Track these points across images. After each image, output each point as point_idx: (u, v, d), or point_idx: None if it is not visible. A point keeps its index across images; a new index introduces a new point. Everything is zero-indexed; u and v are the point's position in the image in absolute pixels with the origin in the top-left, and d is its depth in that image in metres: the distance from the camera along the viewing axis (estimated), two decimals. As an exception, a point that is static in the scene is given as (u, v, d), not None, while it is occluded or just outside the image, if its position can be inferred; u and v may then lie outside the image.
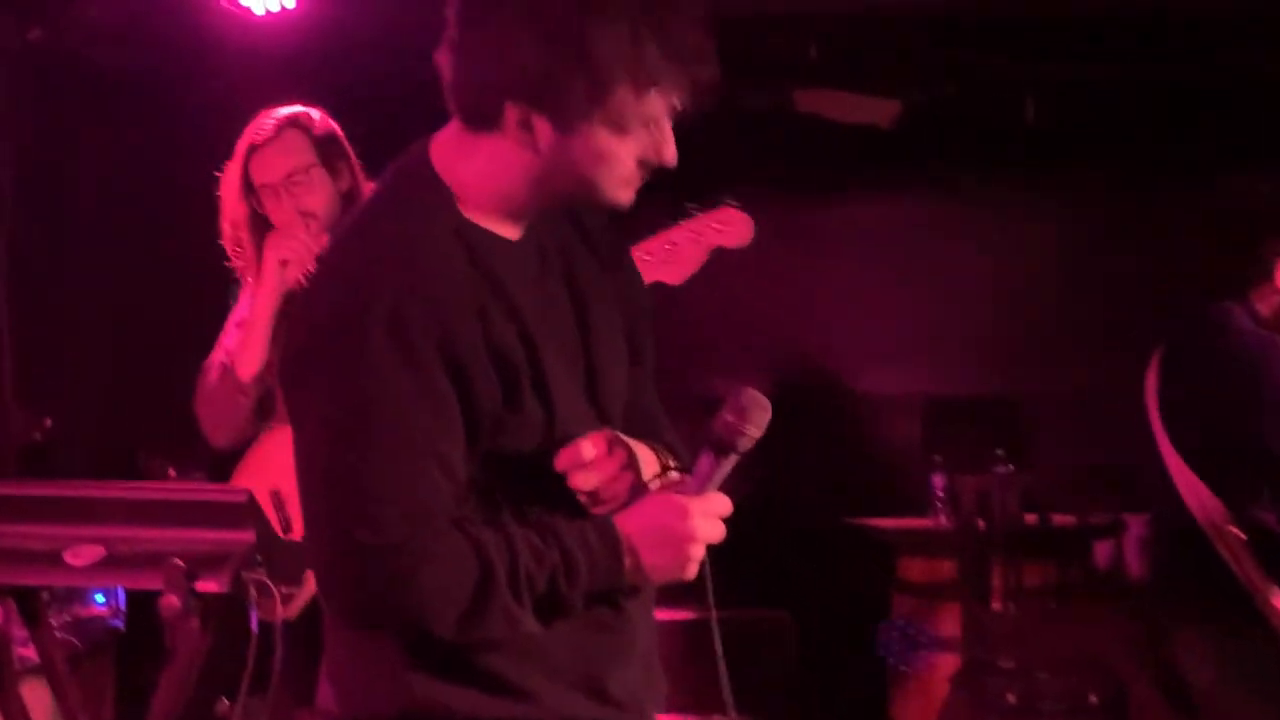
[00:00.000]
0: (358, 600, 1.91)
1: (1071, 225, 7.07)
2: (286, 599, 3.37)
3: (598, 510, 1.94)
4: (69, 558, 3.11)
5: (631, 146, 1.92)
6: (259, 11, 4.54)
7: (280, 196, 3.72)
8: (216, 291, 5.80)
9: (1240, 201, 6.16)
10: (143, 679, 4.01)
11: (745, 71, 5.75)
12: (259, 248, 3.79)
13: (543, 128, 1.88)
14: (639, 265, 3.08)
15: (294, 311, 2.29)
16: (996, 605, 6.00)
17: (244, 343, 3.76)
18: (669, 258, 3.74)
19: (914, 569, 6.28)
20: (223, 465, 4.06)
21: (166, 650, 3.26)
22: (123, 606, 4.41)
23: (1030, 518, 6.20)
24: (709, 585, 2.02)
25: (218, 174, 4.05)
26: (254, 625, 3.12)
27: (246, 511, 3.26)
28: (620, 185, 1.95)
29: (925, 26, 5.66)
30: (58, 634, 3.76)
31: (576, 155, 1.91)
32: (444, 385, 1.84)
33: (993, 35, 5.81)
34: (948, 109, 6.69)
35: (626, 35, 1.83)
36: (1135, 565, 6.05)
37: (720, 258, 4.28)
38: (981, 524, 6.02)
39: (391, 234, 1.92)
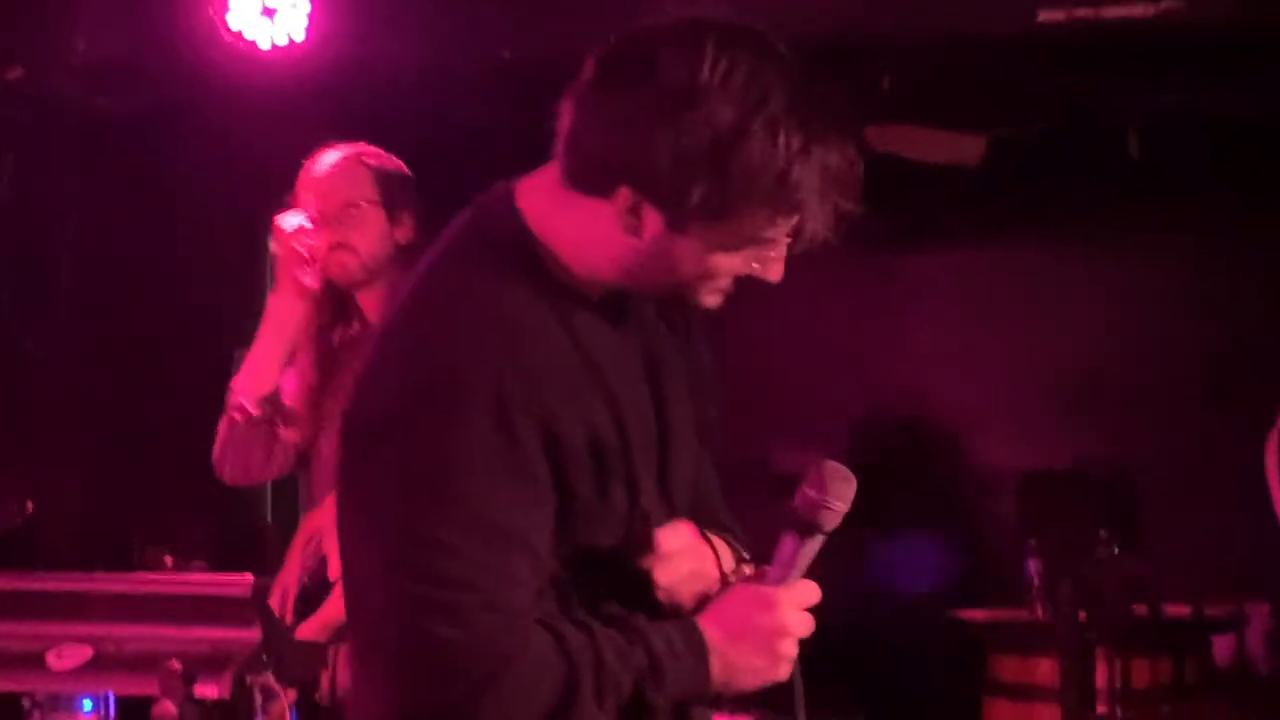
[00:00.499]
0: (429, 702, 1.82)
1: (1183, 275, 6.81)
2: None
3: (675, 605, 1.91)
4: (52, 660, 3.07)
5: (740, 261, 1.89)
6: (265, 46, 4.55)
7: (325, 227, 3.61)
8: (217, 361, 5.49)
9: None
10: None
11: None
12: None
13: (653, 220, 1.82)
14: None
15: (366, 369, 2.05)
16: (1102, 709, 5.65)
17: (250, 364, 3.70)
18: None
19: (1007, 667, 5.92)
20: (226, 554, 4.08)
21: (161, 767, 3.05)
22: (113, 714, 3.97)
23: (1139, 608, 5.82)
24: (799, 689, 1.95)
25: (216, 227, 4.07)
26: None
27: (251, 605, 3.16)
28: (713, 294, 1.93)
29: (1010, 54, 5.61)
30: None
31: (679, 255, 1.87)
32: (542, 471, 1.78)
33: (1087, 61, 5.68)
34: (1041, 144, 6.58)
35: (779, 163, 1.78)
36: (1260, 660, 5.91)
37: (795, 319, 4.15)
38: (1083, 615, 5.71)
39: (489, 297, 1.87)
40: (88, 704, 3.71)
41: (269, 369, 3.67)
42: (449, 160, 4.10)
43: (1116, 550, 5.91)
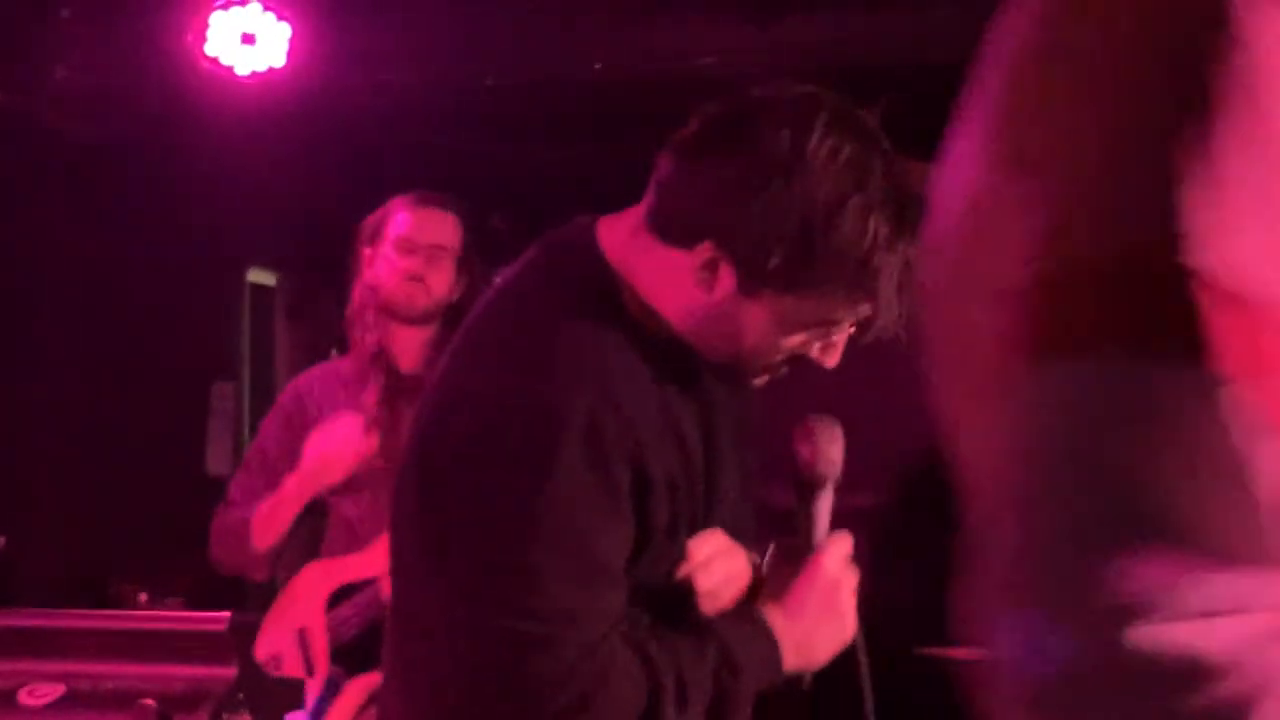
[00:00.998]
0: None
1: None
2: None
3: (719, 610, 1.97)
4: (24, 697, 3.01)
5: (802, 341, 1.95)
6: (243, 72, 4.51)
7: (411, 255, 3.68)
8: (194, 394, 5.72)
9: None
10: None
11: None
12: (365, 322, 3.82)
13: (727, 278, 1.88)
14: None
15: (440, 398, 2.08)
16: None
17: (269, 516, 3.66)
18: None
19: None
20: (202, 590, 4.04)
21: (139, 804, 3.03)
22: None
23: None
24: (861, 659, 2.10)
25: (195, 255, 4.10)
26: None
27: (228, 642, 3.12)
28: (766, 370, 2.01)
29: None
30: None
31: (745, 321, 1.92)
32: (628, 508, 1.83)
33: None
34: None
35: (864, 248, 1.85)
36: None
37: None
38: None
39: (580, 333, 1.92)
40: None
41: (286, 521, 3.66)
42: (429, 187, 3.96)
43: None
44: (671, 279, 1.95)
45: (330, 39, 4.63)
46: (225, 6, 4.40)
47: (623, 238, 1.96)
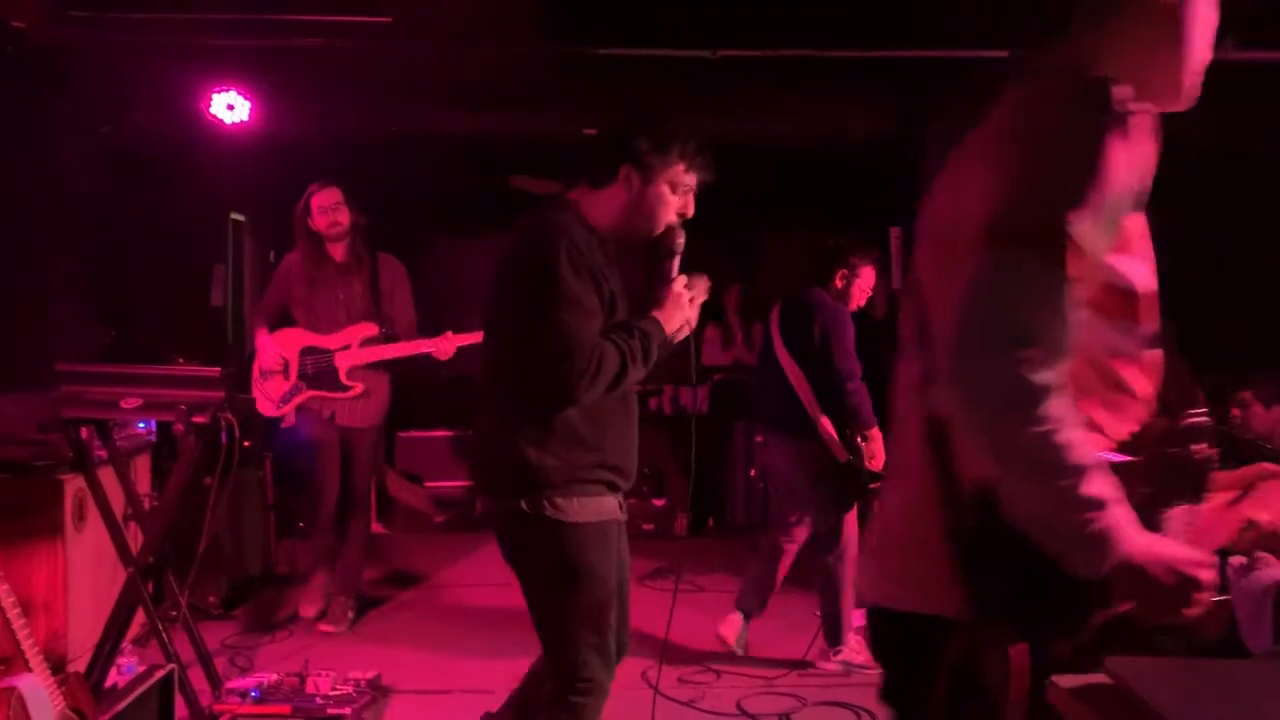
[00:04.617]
0: (571, 394, 2.42)
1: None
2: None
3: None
4: (123, 404, 3.59)
5: (677, 201, 2.58)
6: (228, 120, 5.10)
7: (327, 214, 4.80)
8: (204, 270, 6.61)
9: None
10: (165, 468, 4.73)
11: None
12: (309, 237, 4.81)
13: (635, 179, 2.54)
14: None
15: (507, 260, 2.61)
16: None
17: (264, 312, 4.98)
18: None
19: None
20: (211, 357, 4.80)
21: (177, 453, 3.88)
22: (154, 429, 4.71)
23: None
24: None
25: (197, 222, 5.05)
26: (224, 439, 3.59)
27: (217, 381, 3.70)
28: (661, 223, 2.58)
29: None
30: (118, 443, 4.05)
31: (649, 197, 2.56)
32: (592, 287, 2.45)
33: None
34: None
35: (695, 151, 2.56)
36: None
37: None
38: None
39: (562, 223, 2.51)
40: (141, 424, 4.63)
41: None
42: (324, 176, 4.99)
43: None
44: (606, 203, 2.56)
45: (279, 105, 5.27)
46: (220, 91, 5.10)
47: (580, 195, 2.59)
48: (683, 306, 2.57)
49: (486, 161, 6.74)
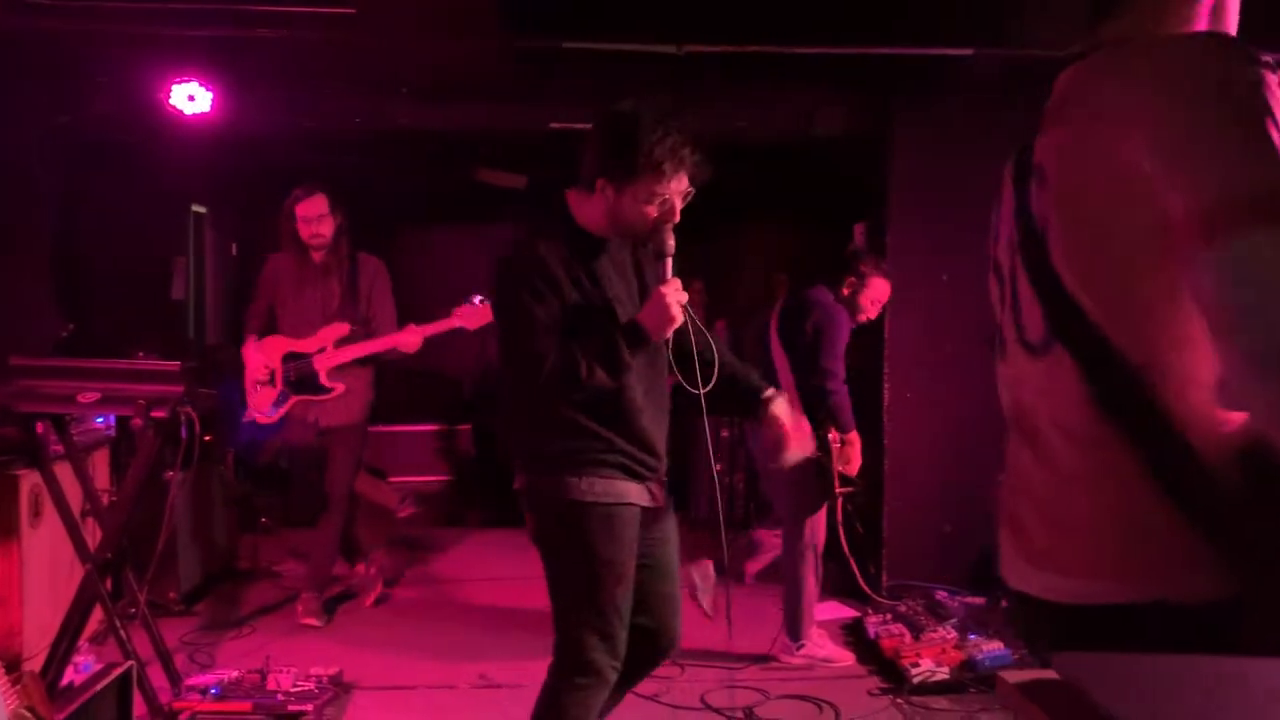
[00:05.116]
0: (546, 399, 2.56)
1: None
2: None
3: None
4: (80, 398, 3.58)
5: (654, 209, 2.59)
6: (189, 112, 4.96)
7: (310, 225, 4.82)
8: (163, 261, 6.51)
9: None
10: (124, 463, 4.68)
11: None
12: (294, 242, 4.84)
13: (610, 190, 2.59)
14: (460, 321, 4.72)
15: (496, 271, 2.68)
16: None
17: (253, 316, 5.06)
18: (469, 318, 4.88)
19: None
20: (172, 353, 4.66)
21: (135, 448, 3.80)
22: (113, 424, 4.72)
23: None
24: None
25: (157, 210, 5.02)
26: (183, 434, 3.61)
27: (177, 375, 3.72)
28: (649, 230, 2.61)
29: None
30: (75, 438, 4.05)
31: (623, 205, 2.60)
32: (554, 295, 2.54)
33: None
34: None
35: (666, 161, 2.52)
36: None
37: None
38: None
39: (537, 232, 2.62)
40: (100, 419, 4.61)
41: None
42: (300, 182, 4.97)
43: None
44: (594, 207, 2.61)
45: (231, 100, 5.09)
46: (180, 82, 4.93)
47: (574, 198, 2.65)
48: (666, 309, 2.56)
49: (451, 154, 6.72)
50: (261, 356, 5.04)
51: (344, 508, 5.05)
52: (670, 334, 2.61)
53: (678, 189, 2.58)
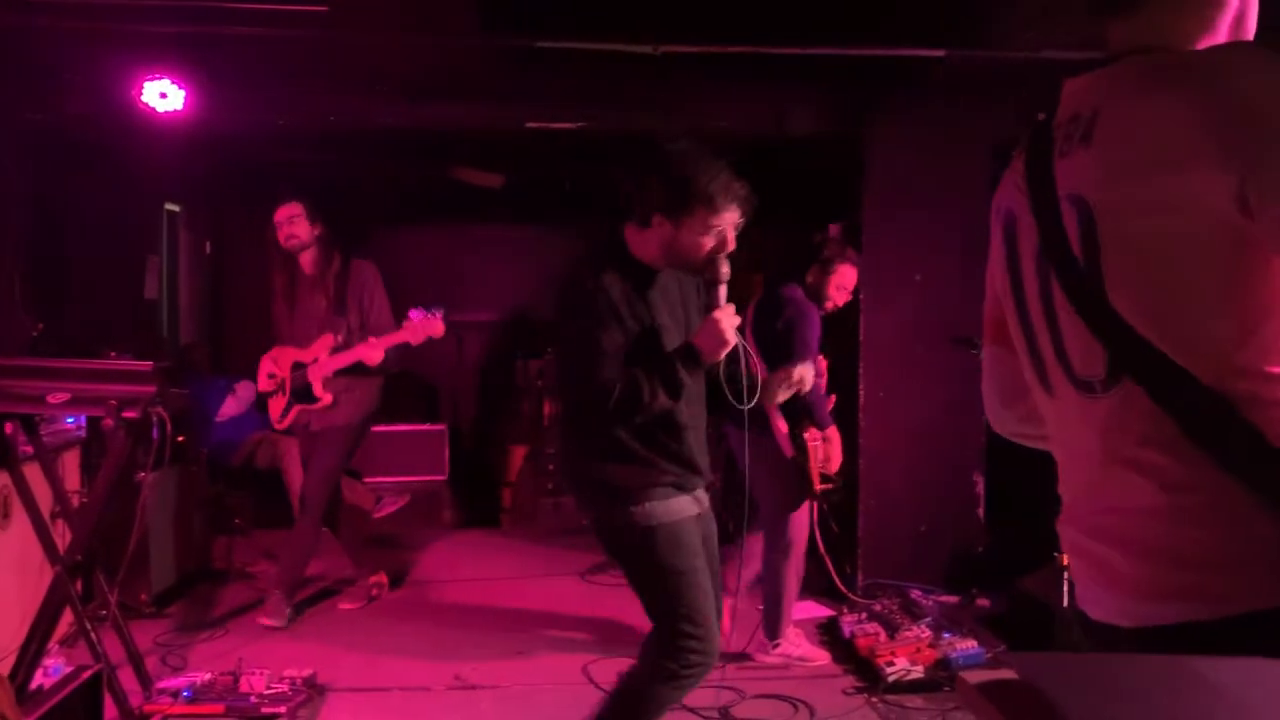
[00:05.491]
0: (607, 426, 2.71)
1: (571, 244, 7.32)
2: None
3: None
4: (50, 399, 3.60)
5: (708, 239, 2.74)
6: (161, 109, 4.92)
7: (283, 228, 4.89)
8: (139, 260, 6.48)
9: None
10: (94, 464, 4.61)
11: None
12: (279, 252, 4.92)
13: (664, 224, 2.75)
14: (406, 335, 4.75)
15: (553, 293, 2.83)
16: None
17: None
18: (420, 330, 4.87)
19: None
20: (143, 353, 4.77)
21: (106, 449, 3.75)
22: (84, 424, 4.65)
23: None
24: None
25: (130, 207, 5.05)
26: (155, 435, 3.63)
27: (149, 375, 3.73)
28: (705, 262, 2.74)
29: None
30: (45, 439, 4.06)
31: (681, 238, 2.75)
32: (617, 323, 2.69)
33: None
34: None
35: (719, 195, 2.68)
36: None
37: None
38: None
39: (596, 265, 2.75)
40: (70, 419, 4.57)
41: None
42: (277, 183, 5.04)
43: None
44: (650, 240, 2.77)
45: (204, 98, 5.04)
46: (152, 79, 4.87)
47: (629, 231, 2.80)
48: (721, 333, 2.70)
49: (426, 153, 6.72)
50: (269, 365, 5.15)
51: (318, 512, 5.03)
52: (723, 356, 2.75)
53: (730, 220, 2.73)
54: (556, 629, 5.05)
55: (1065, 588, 3.63)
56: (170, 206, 7.10)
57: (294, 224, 4.91)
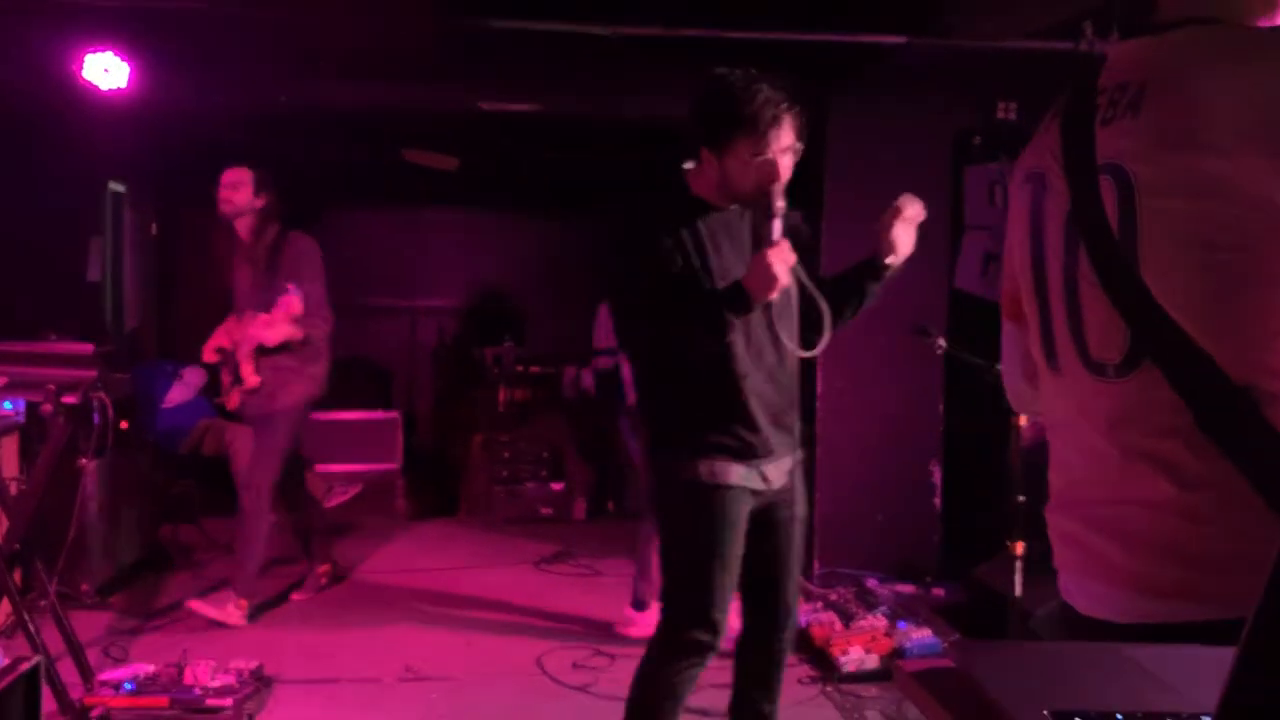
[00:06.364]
0: (662, 335, 2.67)
1: (536, 233, 7.95)
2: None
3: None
4: None
5: (758, 163, 2.63)
6: (104, 87, 4.88)
7: (222, 191, 4.68)
8: (81, 242, 6.48)
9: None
10: (33, 450, 4.47)
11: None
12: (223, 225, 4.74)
13: (712, 157, 2.70)
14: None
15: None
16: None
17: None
18: None
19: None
20: (87, 335, 4.78)
21: (46, 434, 3.78)
22: (23, 409, 4.40)
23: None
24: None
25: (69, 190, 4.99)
26: (95, 420, 3.70)
27: (90, 359, 4.02)
28: (759, 190, 2.66)
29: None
30: None
31: (729, 167, 2.68)
32: (676, 249, 2.67)
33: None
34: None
35: (761, 115, 2.60)
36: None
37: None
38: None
39: (642, 201, 2.80)
40: (8, 405, 4.33)
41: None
42: (226, 163, 4.87)
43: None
44: (704, 179, 2.74)
45: (149, 74, 4.99)
46: (94, 51, 4.80)
47: (690, 170, 2.78)
48: (768, 269, 2.55)
49: (378, 134, 6.70)
50: (216, 339, 4.87)
51: (259, 505, 4.86)
52: (775, 296, 2.59)
53: (780, 146, 2.61)
54: (509, 619, 5.05)
55: (1018, 577, 3.66)
56: (115, 186, 7.05)
57: (235, 189, 4.69)
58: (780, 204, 2.60)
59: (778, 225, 2.59)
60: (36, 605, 3.79)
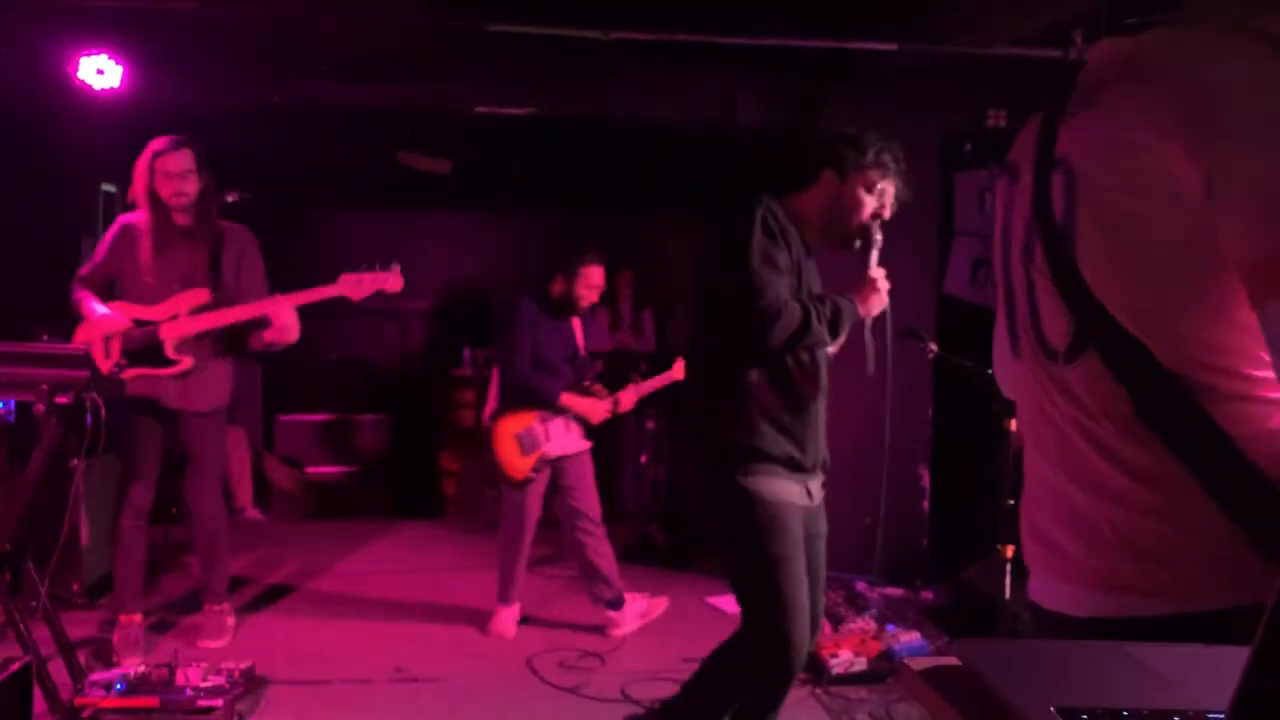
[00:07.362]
0: (760, 333, 2.73)
1: (527, 236, 7.78)
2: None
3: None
4: None
5: (869, 199, 2.92)
6: (98, 88, 4.93)
7: (173, 181, 4.28)
8: (74, 241, 6.42)
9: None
10: (23, 450, 4.14)
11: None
12: (152, 200, 4.30)
13: (832, 178, 2.93)
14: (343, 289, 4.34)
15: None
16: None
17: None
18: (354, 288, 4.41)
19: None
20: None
21: (38, 435, 3.70)
22: (13, 409, 4.31)
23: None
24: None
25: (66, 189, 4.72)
26: (89, 421, 3.59)
27: (83, 360, 3.79)
28: (858, 220, 2.92)
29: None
30: None
31: (845, 194, 2.92)
32: (781, 251, 2.80)
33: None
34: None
35: (889, 160, 2.89)
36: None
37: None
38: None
39: (758, 204, 2.84)
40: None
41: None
42: (218, 164, 4.67)
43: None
44: (807, 202, 2.92)
45: (147, 75, 5.04)
46: (88, 55, 4.83)
47: (786, 200, 2.92)
48: (878, 292, 2.89)
49: (371, 134, 6.66)
50: (102, 323, 4.37)
51: (220, 507, 4.58)
52: (873, 315, 2.90)
53: (891, 191, 2.89)
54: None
55: (1008, 580, 3.66)
56: (107, 187, 6.99)
57: (186, 179, 4.34)
58: (879, 236, 2.88)
59: (875, 256, 2.89)
60: (27, 606, 3.74)
